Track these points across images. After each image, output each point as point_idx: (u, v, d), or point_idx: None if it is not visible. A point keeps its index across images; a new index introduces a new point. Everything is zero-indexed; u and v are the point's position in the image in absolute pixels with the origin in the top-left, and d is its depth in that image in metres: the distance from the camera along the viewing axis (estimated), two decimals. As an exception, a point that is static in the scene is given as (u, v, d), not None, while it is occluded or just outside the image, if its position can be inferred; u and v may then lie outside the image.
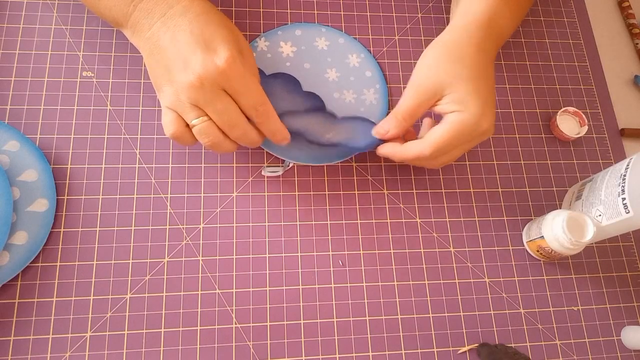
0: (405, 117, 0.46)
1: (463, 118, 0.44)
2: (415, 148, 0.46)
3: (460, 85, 0.44)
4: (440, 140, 0.45)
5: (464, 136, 0.45)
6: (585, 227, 0.47)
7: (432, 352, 0.48)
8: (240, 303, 0.48)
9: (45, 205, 0.48)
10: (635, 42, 0.65)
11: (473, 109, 0.44)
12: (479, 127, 0.44)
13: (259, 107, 0.43)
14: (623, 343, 0.51)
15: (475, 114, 0.44)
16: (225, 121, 0.43)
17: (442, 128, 0.45)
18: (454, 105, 0.44)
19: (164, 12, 0.43)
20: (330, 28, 0.59)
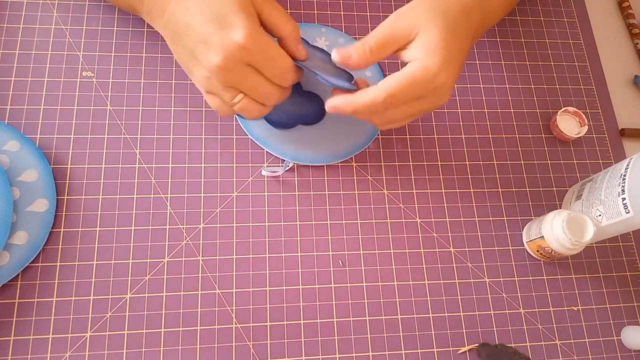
0: (373, 48, 0.43)
1: (423, 65, 0.41)
2: (367, 94, 0.43)
3: (432, 32, 0.42)
4: (395, 86, 0.42)
5: (420, 86, 0.42)
6: (585, 227, 0.47)
7: (432, 352, 0.48)
8: (240, 303, 0.48)
9: (45, 205, 0.48)
10: (635, 42, 0.65)
11: (437, 58, 0.42)
12: (437, 79, 0.42)
13: (286, 74, 0.43)
14: (623, 343, 0.51)
15: (437, 63, 0.41)
16: (259, 94, 0.43)
17: (400, 74, 0.42)
18: (419, 52, 0.42)
19: None
20: (330, 28, 0.59)
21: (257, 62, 0.41)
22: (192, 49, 0.42)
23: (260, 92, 0.43)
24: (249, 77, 0.42)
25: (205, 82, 0.43)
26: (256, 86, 0.43)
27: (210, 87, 0.43)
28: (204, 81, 0.43)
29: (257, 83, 0.43)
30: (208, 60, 0.41)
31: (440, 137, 0.56)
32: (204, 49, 0.41)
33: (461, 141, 0.57)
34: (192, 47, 0.42)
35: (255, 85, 0.43)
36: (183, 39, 0.42)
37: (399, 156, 0.55)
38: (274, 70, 0.42)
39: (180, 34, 0.42)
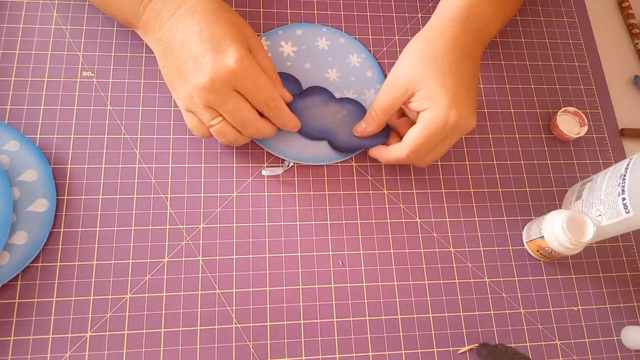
0: (379, 113, 0.48)
1: (432, 115, 0.45)
2: (394, 151, 0.48)
3: (428, 81, 0.45)
4: (415, 142, 0.46)
5: (438, 133, 0.45)
6: (585, 227, 0.47)
7: (432, 352, 0.48)
8: (240, 303, 0.48)
9: (45, 205, 0.48)
10: (635, 42, 0.65)
11: (440, 104, 0.45)
12: (449, 121, 0.45)
13: (269, 102, 0.45)
14: (623, 343, 0.51)
15: (442, 108, 0.44)
16: (238, 120, 0.44)
17: (416, 129, 0.46)
18: (424, 102, 0.45)
19: (172, 13, 0.43)
20: (331, 28, 0.59)
21: (244, 87, 0.43)
22: (181, 65, 0.43)
23: (239, 118, 0.44)
24: (231, 101, 0.43)
25: (187, 99, 0.44)
26: (236, 111, 0.44)
27: (191, 105, 0.44)
28: (186, 99, 0.44)
29: (238, 108, 0.44)
30: (195, 78, 0.42)
31: (440, 137, 0.56)
32: (193, 67, 0.42)
33: (461, 141, 0.56)
34: (181, 63, 0.43)
35: (236, 110, 0.44)
36: (175, 54, 0.43)
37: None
38: (259, 98, 0.44)
39: (173, 49, 0.43)
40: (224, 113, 0.44)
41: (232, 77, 0.42)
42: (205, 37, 0.42)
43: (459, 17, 0.47)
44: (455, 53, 0.46)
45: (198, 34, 0.42)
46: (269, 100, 0.45)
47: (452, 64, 0.46)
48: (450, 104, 0.44)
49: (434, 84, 0.45)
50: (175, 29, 0.43)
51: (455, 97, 0.45)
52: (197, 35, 0.42)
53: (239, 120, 0.45)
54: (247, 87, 0.43)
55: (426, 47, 0.46)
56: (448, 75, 0.45)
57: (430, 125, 0.45)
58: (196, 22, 0.42)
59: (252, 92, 0.43)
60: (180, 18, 0.43)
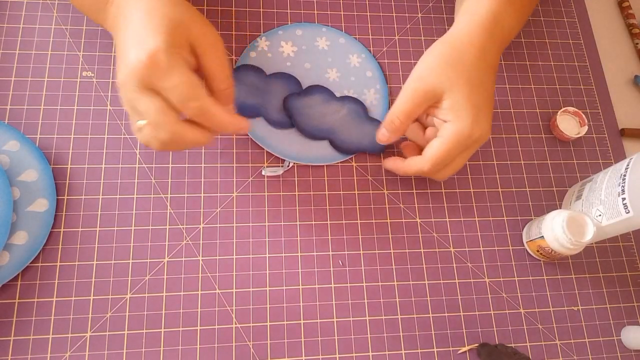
0: (402, 119, 0.46)
1: (456, 129, 0.44)
2: (415, 164, 0.47)
3: (456, 92, 0.44)
4: (437, 155, 0.45)
5: (460, 147, 0.45)
6: (585, 227, 0.47)
7: (432, 352, 0.48)
8: (240, 303, 0.48)
9: (45, 205, 0.48)
10: (635, 42, 0.65)
11: (465, 118, 0.44)
12: (472, 136, 0.44)
13: (188, 102, 0.38)
14: (623, 343, 0.51)
15: (467, 123, 0.44)
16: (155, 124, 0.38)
17: (438, 142, 0.45)
18: (448, 114, 0.45)
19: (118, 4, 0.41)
20: (331, 28, 0.59)
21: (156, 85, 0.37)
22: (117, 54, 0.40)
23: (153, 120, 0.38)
24: (143, 100, 0.38)
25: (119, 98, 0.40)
26: (149, 112, 0.38)
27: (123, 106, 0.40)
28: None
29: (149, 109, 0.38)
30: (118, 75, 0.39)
31: (440, 137, 0.56)
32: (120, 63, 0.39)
33: (461, 141, 0.56)
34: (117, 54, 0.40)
35: (148, 112, 0.38)
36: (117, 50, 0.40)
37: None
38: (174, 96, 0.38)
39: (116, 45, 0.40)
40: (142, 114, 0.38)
41: (141, 71, 0.37)
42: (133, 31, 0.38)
43: (488, 25, 0.46)
44: (483, 64, 0.45)
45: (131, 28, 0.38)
46: (186, 99, 0.38)
47: (480, 76, 0.45)
48: (475, 119, 0.44)
49: (462, 96, 0.44)
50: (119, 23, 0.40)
51: (479, 112, 0.44)
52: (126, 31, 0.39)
53: (152, 122, 0.38)
54: (159, 85, 0.37)
55: (455, 53, 0.45)
56: (475, 88, 0.44)
57: (453, 139, 0.44)
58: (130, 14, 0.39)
59: (165, 89, 0.37)
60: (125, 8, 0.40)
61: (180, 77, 0.38)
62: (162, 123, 0.38)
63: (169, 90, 0.38)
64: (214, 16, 0.58)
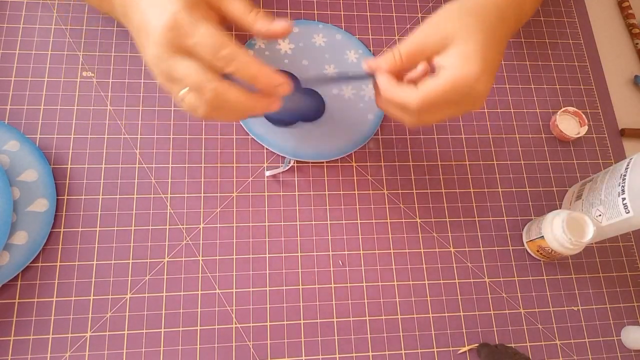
0: (403, 57, 0.42)
1: (463, 73, 0.40)
2: (402, 93, 0.41)
3: (471, 39, 0.40)
4: (432, 93, 0.40)
5: (457, 94, 0.40)
6: (585, 227, 0.47)
7: (432, 352, 0.48)
8: (240, 303, 0.48)
9: (45, 205, 0.48)
10: (635, 42, 0.65)
11: (476, 67, 0.40)
12: (475, 89, 0.40)
13: (220, 52, 0.36)
14: (623, 343, 0.51)
15: (475, 72, 0.40)
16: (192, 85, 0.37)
17: (437, 82, 0.40)
18: (457, 59, 0.40)
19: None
20: (327, 24, 0.59)
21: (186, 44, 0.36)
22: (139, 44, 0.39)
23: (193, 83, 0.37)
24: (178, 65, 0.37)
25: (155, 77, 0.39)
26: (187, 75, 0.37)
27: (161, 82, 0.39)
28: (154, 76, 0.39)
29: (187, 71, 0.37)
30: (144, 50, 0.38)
31: (440, 137, 0.56)
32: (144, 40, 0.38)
33: (461, 141, 0.56)
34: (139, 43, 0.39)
35: (188, 74, 0.37)
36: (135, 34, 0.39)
37: (399, 156, 0.55)
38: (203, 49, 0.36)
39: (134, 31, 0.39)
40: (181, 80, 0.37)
41: (168, 36, 0.36)
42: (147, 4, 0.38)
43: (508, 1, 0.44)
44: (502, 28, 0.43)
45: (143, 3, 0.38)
46: (217, 48, 0.36)
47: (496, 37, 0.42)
48: (485, 73, 0.40)
49: (477, 44, 0.40)
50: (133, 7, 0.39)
51: (489, 69, 0.40)
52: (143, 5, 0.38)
53: (194, 86, 0.37)
54: (188, 43, 0.36)
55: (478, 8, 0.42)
56: (491, 43, 0.41)
57: (456, 82, 0.39)
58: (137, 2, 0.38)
59: (192, 46, 0.36)
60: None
61: (206, 29, 0.36)
62: (203, 81, 0.37)
63: (199, 46, 0.36)
64: (214, 16, 0.58)
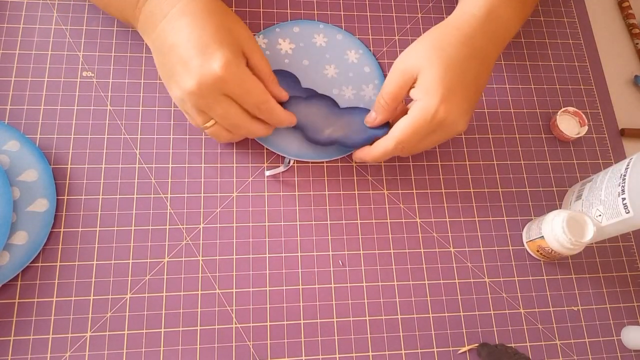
0: (388, 100, 0.47)
1: (421, 106, 0.44)
2: (380, 146, 0.47)
3: (429, 70, 0.44)
4: (403, 134, 0.45)
5: (425, 126, 0.44)
6: (585, 227, 0.47)
7: (432, 352, 0.48)
8: (240, 303, 0.48)
9: (45, 205, 0.48)
10: (635, 42, 0.65)
11: (433, 97, 0.43)
12: (435, 117, 0.43)
13: (261, 105, 0.44)
14: (623, 343, 0.51)
15: (433, 103, 0.43)
16: (228, 124, 0.45)
17: (404, 121, 0.45)
18: (420, 92, 0.44)
19: (165, 14, 0.43)
20: (328, 25, 0.59)
21: (233, 92, 0.43)
22: (172, 68, 0.43)
23: (229, 122, 0.45)
24: (220, 105, 0.43)
25: (180, 102, 0.45)
26: (227, 116, 0.44)
27: (184, 106, 0.45)
28: (179, 101, 0.45)
29: (228, 113, 0.44)
30: (184, 82, 0.42)
31: (440, 137, 0.56)
32: (182, 71, 0.42)
33: (461, 141, 0.57)
34: (172, 66, 0.43)
35: (226, 115, 0.44)
36: (166, 56, 0.43)
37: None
38: (249, 101, 0.44)
39: (164, 52, 0.43)
40: (214, 117, 0.44)
41: (218, 83, 0.41)
42: (193, 40, 0.42)
43: (479, 14, 0.46)
44: (466, 49, 0.45)
45: (187, 37, 0.42)
46: (259, 103, 0.44)
47: (459, 60, 0.44)
48: (443, 99, 0.43)
49: (434, 74, 0.44)
50: (167, 31, 0.43)
51: (449, 93, 0.43)
52: (185, 39, 0.42)
53: (229, 124, 0.45)
54: (235, 92, 0.43)
55: (440, 36, 0.46)
56: (450, 69, 0.44)
57: (418, 116, 0.44)
58: (186, 25, 0.42)
59: (240, 96, 0.43)
60: (172, 20, 0.43)
61: (252, 83, 0.43)
62: (240, 122, 0.45)
63: (242, 96, 0.43)
64: (214, 16, 0.58)
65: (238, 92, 0.43)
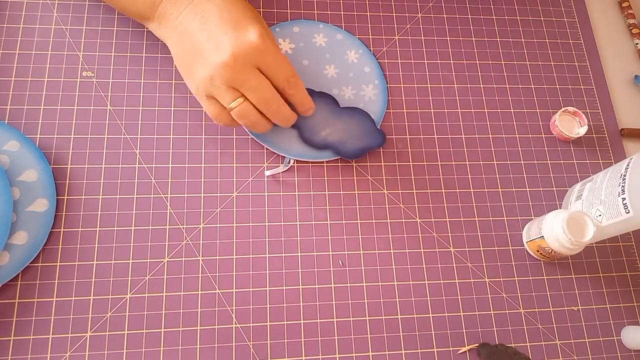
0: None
1: None
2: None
3: None
4: None
5: None
6: (585, 227, 0.47)
7: (432, 352, 0.48)
8: (240, 303, 0.48)
9: (45, 205, 0.48)
10: (635, 42, 0.65)
11: None
12: None
13: (290, 78, 0.45)
14: (623, 343, 0.51)
15: None
16: (261, 98, 0.44)
17: None
18: None
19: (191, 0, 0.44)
20: (328, 24, 0.59)
21: (266, 63, 0.43)
22: (200, 47, 0.43)
23: (262, 95, 0.44)
24: (254, 77, 0.43)
25: (206, 82, 0.43)
26: (259, 88, 0.44)
27: (211, 88, 0.44)
28: (205, 82, 0.43)
29: (260, 84, 0.43)
30: (216, 57, 0.42)
31: (440, 137, 0.56)
32: (213, 47, 0.42)
33: (461, 141, 0.57)
34: (199, 45, 0.43)
35: (259, 87, 0.43)
36: (193, 37, 0.43)
37: (399, 156, 0.55)
38: (280, 74, 0.44)
39: (191, 33, 0.43)
40: (247, 91, 0.44)
41: (254, 53, 0.42)
42: (225, 18, 0.43)
43: None
44: None
45: (218, 15, 0.43)
46: (289, 76, 0.45)
47: None
48: None
49: None
50: (193, 14, 0.44)
51: None
52: (217, 17, 0.43)
53: (262, 98, 0.44)
54: (269, 63, 0.43)
55: None
56: None
57: None
58: (216, 6, 0.43)
59: (273, 67, 0.44)
60: (200, 3, 0.44)
61: (283, 56, 0.44)
62: (272, 96, 0.45)
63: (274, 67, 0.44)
64: (214, 16, 0.58)
65: (271, 64, 0.43)
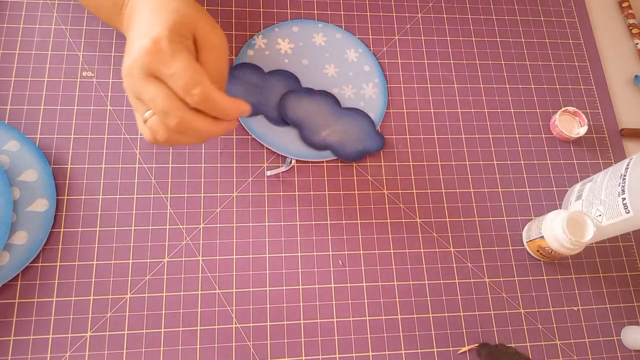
0: None
1: None
2: None
3: None
4: None
5: None
6: (585, 227, 0.47)
7: (432, 352, 0.48)
8: (240, 303, 0.48)
9: (45, 205, 0.48)
10: (635, 42, 0.65)
11: None
12: None
13: (191, 89, 0.37)
14: (623, 343, 0.51)
15: None
16: (158, 110, 0.38)
17: None
18: None
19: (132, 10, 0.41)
20: (327, 24, 0.59)
21: (158, 70, 0.37)
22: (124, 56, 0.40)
23: (159, 109, 0.38)
24: (149, 87, 0.37)
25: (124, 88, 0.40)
26: (153, 99, 0.37)
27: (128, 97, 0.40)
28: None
29: (155, 96, 0.37)
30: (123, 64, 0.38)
31: (440, 137, 0.56)
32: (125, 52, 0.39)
33: (461, 141, 0.57)
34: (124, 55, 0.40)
35: (153, 99, 0.37)
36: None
37: (399, 156, 0.55)
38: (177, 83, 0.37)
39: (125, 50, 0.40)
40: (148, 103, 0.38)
41: (145, 59, 0.36)
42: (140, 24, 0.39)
43: None
44: None
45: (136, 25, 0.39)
46: (188, 85, 0.37)
47: None
48: None
49: None
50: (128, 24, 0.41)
51: None
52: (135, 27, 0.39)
53: (160, 110, 0.37)
54: (160, 70, 0.37)
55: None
56: None
57: None
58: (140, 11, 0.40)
59: (167, 76, 0.37)
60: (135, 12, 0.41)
61: (183, 62, 0.37)
62: (169, 109, 0.37)
63: (173, 77, 0.37)
64: (214, 16, 0.57)
65: (164, 71, 0.37)
